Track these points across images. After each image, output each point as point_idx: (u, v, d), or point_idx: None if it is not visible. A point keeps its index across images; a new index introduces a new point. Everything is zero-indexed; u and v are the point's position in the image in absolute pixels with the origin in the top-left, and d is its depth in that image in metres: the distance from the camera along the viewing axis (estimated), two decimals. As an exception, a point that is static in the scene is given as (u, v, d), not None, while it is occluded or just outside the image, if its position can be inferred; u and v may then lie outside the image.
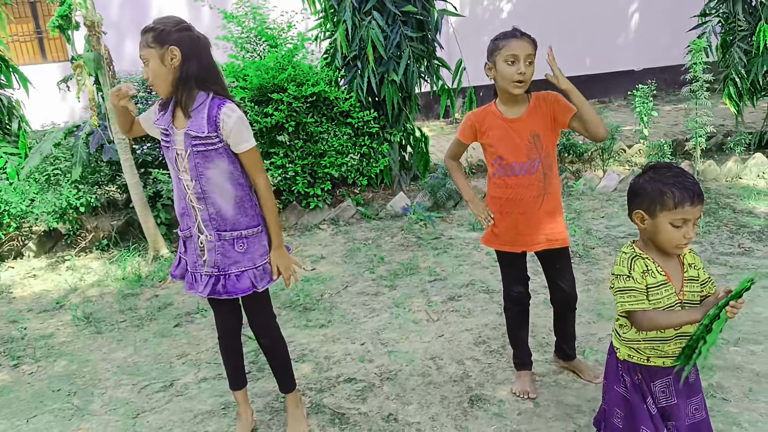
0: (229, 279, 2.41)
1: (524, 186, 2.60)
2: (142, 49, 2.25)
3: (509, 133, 2.60)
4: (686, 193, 1.84)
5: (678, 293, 1.93)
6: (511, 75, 2.47)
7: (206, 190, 2.33)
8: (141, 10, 9.22)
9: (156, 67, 2.25)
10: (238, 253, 2.40)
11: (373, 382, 3.06)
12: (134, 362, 3.46)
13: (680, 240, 1.86)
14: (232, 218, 2.38)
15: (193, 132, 2.27)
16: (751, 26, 5.97)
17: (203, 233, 2.40)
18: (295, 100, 5.14)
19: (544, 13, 9.57)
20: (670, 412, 2.01)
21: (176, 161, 2.36)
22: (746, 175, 5.83)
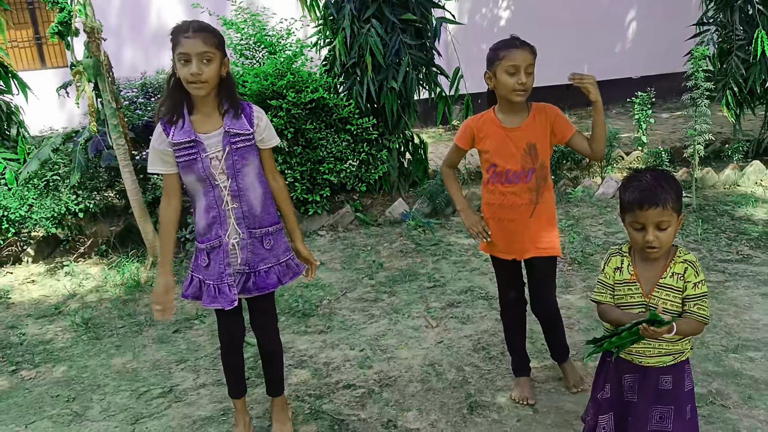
0: (258, 275, 2.50)
1: (516, 194, 2.63)
2: (208, 46, 2.27)
3: (506, 141, 2.62)
4: (635, 198, 1.89)
5: (646, 295, 1.97)
6: (512, 85, 2.50)
7: (242, 187, 2.43)
8: (140, 16, 9.25)
9: (216, 69, 2.32)
10: (266, 249, 2.51)
11: (372, 388, 3.06)
12: (133, 368, 3.45)
13: (641, 242, 1.93)
14: (260, 215, 2.49)
15: (235, 130, 2.38)
16: (748, 35, 6.00)
17: (236, 234, 2.43)
18: (294, 107, 5.16)
19: (543, 21, 9.61)
20: (631, 409, 2.06)
21: (208, 168, 2.37)
22: (744, 183, 5.85)
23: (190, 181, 2.42)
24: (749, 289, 3.81)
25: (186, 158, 2.37)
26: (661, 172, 1.97)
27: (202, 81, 2.29)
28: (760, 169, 5.91)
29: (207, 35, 2.29)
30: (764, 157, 6.31)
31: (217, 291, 2.47)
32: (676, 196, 1.91)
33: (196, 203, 2.46)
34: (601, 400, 2.12)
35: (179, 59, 2.28)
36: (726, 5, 6.07)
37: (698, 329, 1.98)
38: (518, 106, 2.60)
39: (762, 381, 2.89)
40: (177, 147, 2.36)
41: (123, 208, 5.37)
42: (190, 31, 2.28)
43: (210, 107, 2.40)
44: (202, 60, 2.27)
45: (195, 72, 2.26)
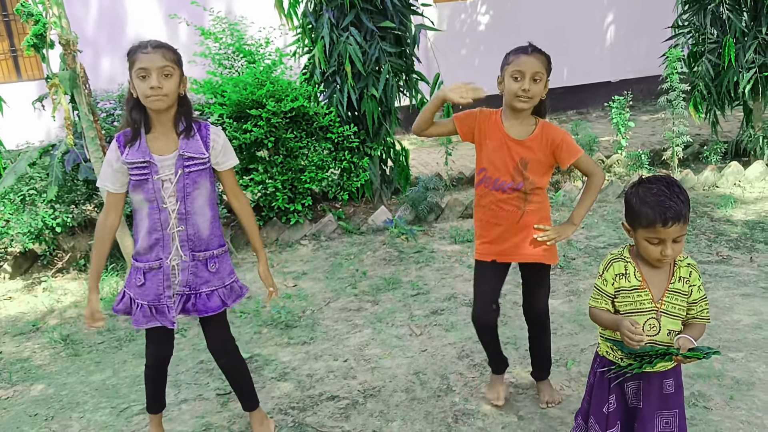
0: (199, 297, 2.47)
1: (503, 201, 2.59)
2: (166, 61, 2.26)
3: (503, 149, 2.56)
4: (659, 215, 1.85)
5: (656, 301, 1.95)
6: (514, 90, 2.45)
7: (189, 211, 2.39)
8: (117, 28, 9.18)
9: (175, 85, 2.30)
10: (210, 272, 2.47)
11: (356, 399, 3.03)
12: (113, 384, 3.40)
13: (657, 256, 1.89)
14: (207, 238, 2.46)
15: (190, 153, 2.35)
16: (720, 38, 6.08)
17: (178, 257, 2.41)
18: (274, 116, 5.13)
19: (521, 26, 9.68)
20: (636, 415, 2.05)
21: (159, 190, 2.34)
22: (723, 184, 5.91)
23: (138, 200, 2.39)
24: (729, 290, 3.84)
25: (137, 177, 2.34)
26: (671, 180, 1.91)
27: (163, 94, 2.27)
28: (738, 170, 5.97)
29: (166, 51, 2.29)
30: (742, 159, 6.39)
31: (154, 311, 2.44)
32: (689, 205, 1.89)
33: (139, 222, 2.42)
34: (608, 414, 2.07)
35: (138, 75, 2.26)
36: (699, 9, 6.15)
37: (704, 332, 2.00)
38: (522, 116, 2.54)
39: (743, 381, 2.90)
40: (130, 165, 2.33)
41: (102, 222, 5.30)
42: (148, 47, 2.27)
43: (167, 127, 2.36)
44: (162, 74, 2.26)
45: (155, 85, 2.24)
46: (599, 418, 2.09)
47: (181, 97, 2.36)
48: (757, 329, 3.36)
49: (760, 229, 4.82)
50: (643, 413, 2.01)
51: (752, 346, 3.20)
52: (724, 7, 5.92)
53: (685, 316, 1.98)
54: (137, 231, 2.44)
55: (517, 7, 9.80)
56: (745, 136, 6.44)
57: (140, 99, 2.29)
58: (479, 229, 2.72)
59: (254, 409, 2.77)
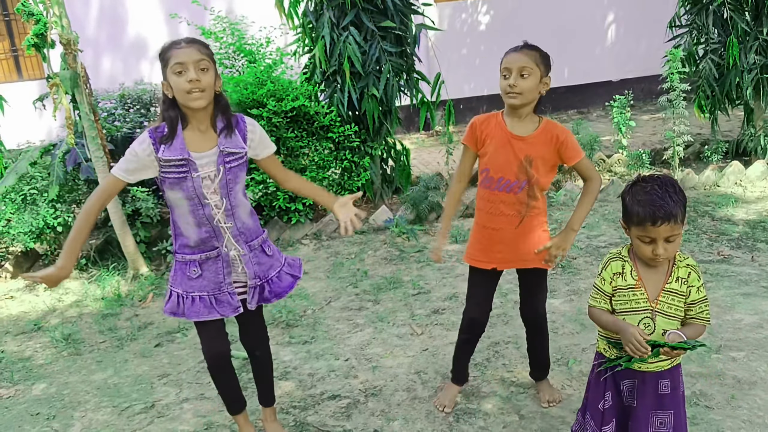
0: (273, 283, 2.51)
1: (505, 203, 2.55)
2: (202, 55, 2.21)
3: (506, 147, 2.52)
4: (649, 214, 1.85)
5: (651, 300, 1.95)
6: (503, 87, 2.46)
7: (234, 205, 2.37)
8: (118, 27, 9.18)
9: (212, 79, 2.25)
10: (269, 256, 2.51)
11: (357, 398, 3.04)
12: (114, 384, 3.40)
13: (649, 255, 1.90)
14: (253, 227, 2.48)
15: (230, 149, 2.31)
16: (722, 39, 6.07)
17: (235, 249, 2.40)
18: (274, 116, 5.13)
19: (522, 26, 9.67)
20: (631, 413, 2.05)
21: (199, 188, 2.27)
22: (724, 183, 5.90)
23: (175, 197, 2.31)
24: (731, 290, 3.84)
25: (175, 176, 2.26)
26: (667, 180, 1.91)
27: (201, 89, 2.19)
28: (740, 170, 5.97)
29: (200, 46, 2.25)
30: (743, 158, 6.39)
31: (215, 301, 2.40)
32: (684, 206, 1.88)
33: (181, 218, 2.34)
34: (603, 410, 2.08)
35: (174, 71, 2.18)
36: (701, 8, 6.14)
37: (702, 331, 1.99)
38: (522, 113, 2.51)
39: (745, 381, 2.90)
40: (165, 164, 2.25)
41: (102, 221, 5.31)
42: (182, 43, 2.22)
43: (205, 125, 2.29)
44: (199, 68, 2.19)
45: (194, 78, 2.17)
46: (595, 414, 2.11)
47: (217, 95, 2.31)
48: (759, 328, 3.36)
49: (762, 229, 4.82)
50: (638, 412, 2.02)
51: (754, 345, 3.20)
52: (726, 7, 5.91)
53: (684, 316, 1.98)
54: (179, 226, 2.37)
55: (517, 7, 9.80)
56: (746, 136, 6.43)
57: (178, 96, 2.21)
58: (477, 234, 2.68)
59: (271, 405, 2.79)
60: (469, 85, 9.63)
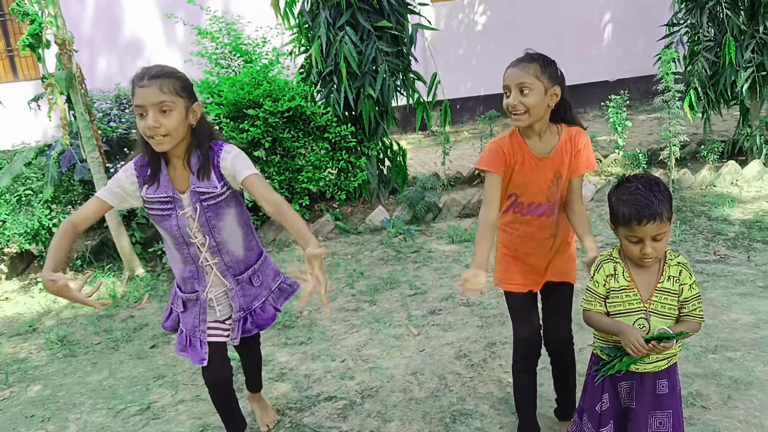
0: (255, 314, 2.43)
1: (538, 227, 2.35)
2: (165, 95, 2.00)
3: (536, 172, 2.28)
4: (634, 213, 1.85)
5: (645, 301, 1.95)
6: (506, 107, 2.22)
7: (220, 242, 2.25)
8: (114, 27, 9.16)
9: (179, 119, 2.04)
10: (256, 287, 2.42)
11: (354, 399, 3.03)
12: (110, 385, 3.39)
13: (637, 254, 1.91)
14: (245, 258, 2.36)
15: (202, 188, 2.15)
16: (717, 37, 6.08)
17: (221, 286, 2.33)
18: (271, 116, 5.12)
19: (518, 26, 9.68)
20: (630, 415, 2.05)
21: (184, 227, 2.18)
22: (720, 183, 5.91)
23: (163, 232, 2.26)
24: (727, 290, 3.84)
25: (160, 213, 2.18)
26: (651, 179, 1.91)
27: (162, 134, 2.02)
28: (736, 170, 5.98)
29: (164, 81, 2.02)
30: (739, 158, 6.39)
31: (188, 342, 2.37)
32: (669, 204, 1.87)
33: (169, 252, 2.31)
34: (601, 412, 2.08)
35: (136, 113, 2.03)
36: (696, 6, 6.15)
37: (697, 328, 1.98)
38: (539, 130, 2.26)
39: (741, 381, 2.90)
40: (150, 201, 2.16)
41: (98, 222, 5.30)
42: (145, 79, 2.01)
43: (180, 160, 2.15)
44: (160, 110, 2.00)
45: (151, 125, 1.99)
46: (592, 416, 2.10)
47: (193, 129, 2.12)
48: (755, 328, 3.36)
49: (758, 228, 4.82)
50: (637, 413, 2.01)
51: (750, 345, 3.20)
52: (722, 6, 5.92)
53: (678, 315, 1.97)
54: (171, 260, 2.33)
55: (514, 7, 9.80)
56: (742, 136, 6.44)
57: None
58: (507, 258, 2.44)
59: (258, 390, 2.89)
60: (466, 85, 9.63)
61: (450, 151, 6.60)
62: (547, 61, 2.21)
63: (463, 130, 9.53)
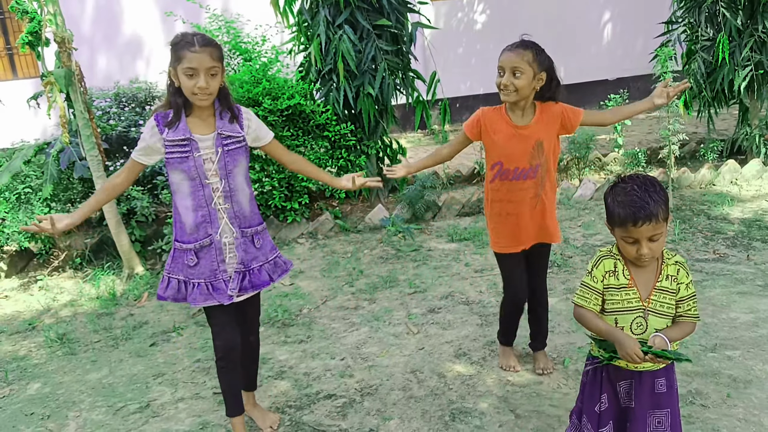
0: (252, 273, 2.56)
1: (523, 189, 2.73)
2: (215, 61, 2.33)
3: (515, 139, 2.71)
4: (630, 214, 1.85)
5: (644, 300, 1.95)
6: (498, 84, 2.64)
7: (233, 188, 2.47)
8: (113, 25, 9.15)
9: (218, 84, 2.38)
10: (256, 248, 2.58)
11: (353, 397, 3.03)
12: (109, 383, 3.39)
13: (633, 255, 1.90)
14: (250, 215, 2.56)
15: (227, 132, 2.45)
16: (715, 36, 6.08)
17: (230, 233, 2.48)
18: (270, 114, 5.12)
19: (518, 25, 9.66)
20: (629, 414, 2.04)
21: (201, 167, 2.41)
22: (719, 182, 5.91)
23: (178, 180, 2.43)
24: (726, 288, 3.84)
25: (178, 155, 2.40)
26: (647, 179, 1.91)
27: (208, 94, 2.35)
28: (735, 169, 5.98)
29: (213, 50, 2.34)
30: (739, 157, 6.40)
31: (211, 288, 2.48)
32: (665, 204, 1.87)
33: (181, 202, 2.46)
34: (600, 413, 2.07)
35: (185, 73, 2.31)
36: (694, 5, 6.15)
37: (692, 330, 1.99)
38: (521, 106, 2.70)
39: (740, 379, 2.91)
40: (170, 143, 2.39)
41: (97, 220, 5.30)
42: (197, 45, 2.31)
43: (207, 113, 2.45)
44: (209, 74, 2.32)
45: (203, 86, 2.32)
46: (591, 417, 2.09)
47: (221, 88, 2.43)
48: (754, 327, 3.36)
49: (757, 227, 4.82)
50: (636, 413, 2.01)
51: (749, 344, 3.21)
52: (720, 4, 5.92)
53: (674, 313, 1.97)
54: (178, 214, 2.48)
55: (514, 6, 9.80)
56: (741, 134, 6.44)
57: (185, 92, 2.36)
58: (498, 225, 2.85)
59: (253, 390, 2.91)
60: (465, 84, 9.62)
61: (449, 150, 6.59)
62: (539, 50, 2.63)
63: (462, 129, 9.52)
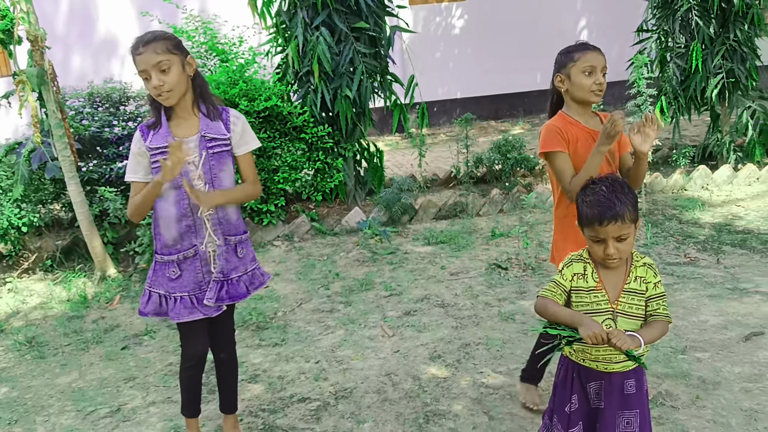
0: (231, 284, 2.46)
1: None
2: (161, 55, 2.22)
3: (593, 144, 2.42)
4: (596, 214, 1.90)
5: (612, 302, 1.97)
6: (589, 85, 2.47)
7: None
8: (88, 24, 9.03)
9: (178, 74, 2.26)
10: (238, 258, 2.48)
11: (327, 401, 3.02)
12: (79, 387, 3.33)
13: (601, 255, 1.94)
14: (235, 222, 2.47)
15: (212, 134, 2.35)
16: (688, 44, 6.19)
17: (212, 242, 2.39)
18: (246, 116, 5.08)
19: (496, 30, 9.75)
20: (598, 415, 2.06)
21: (187, 173, 2.32)
22: (691, 187, 6.01)
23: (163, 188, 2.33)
24: (696, 292, 3.90)
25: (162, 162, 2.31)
26: (616, 181, 1.96)
27: (167, 90, 2.25)
28: (706, 174, 6.08)
29: (157, 44, 2.24)
30: (710, 162, 6.51)
31: (196, 301, 2.40)
32: (633, 206, 1.92)
33: (163, 213, 2.36)
34: (570, 413, 2.09)
35: (141, 77, 2.26)
36: (668, 14, 6.25)
37: (665, 330, 1.99)
38: (590, 111, 2.56)
39: (709, 381, 2.95)
40: (154, 151, 2.31)
41: (69, 222, 5.21)
42: (140, 47, 2.24)
43: (186, 111, 2.35)
44: (160, 70, 2.23)
45: (156, 85, 2.23)
46: (561, 417, 2.11)
47: (192, 79, 2.33)
48: (723, 330, 3.42)
49: (727, 232, 4.91)
50: (605, 413, 2.03)
51: (718, 346, 3.26)
52: (693, 13, 6.03)
53: (644, 315, 2.00)
54: (159, 225, 2.39)
55: (492, 12, 9.87)
56: (712, 141, 6.56)
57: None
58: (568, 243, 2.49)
59: (233, 412, 2.74)
60: (443, 87, 9.67)
61: (426, 154, 6.62)
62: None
63: (440, 133, 9.56)
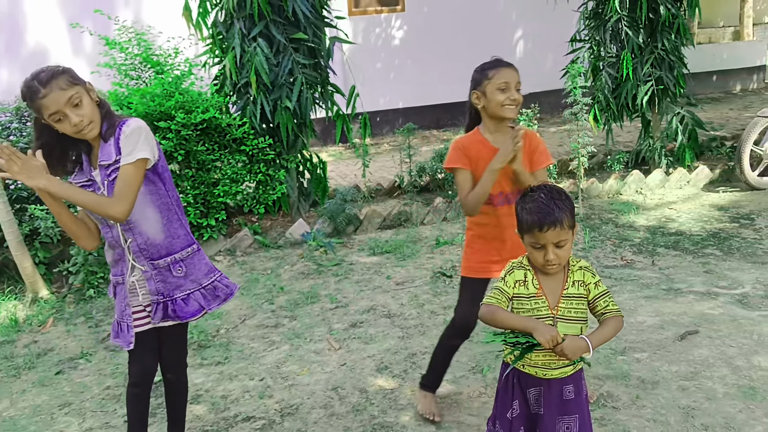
0: (176, 303, 2.33)
1: (506, 215, 2.57)
2: (69, 89, 2.06)
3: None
4: (536, 221, 1.93)
5: (552, 308, 2.00)
6: (503, 101, 2.55)
7: (131, 220, 2.22)
8: (16, 35, 8.68)
9: (90, 103, 2.14)
10: (178, 277, 2.33)
11: (273, 418, 2.96)
12: (10, 416, 3.16)
13: (541, 261, 1.97)
14: (164, 243, 2.29)
15: (105, 161, 2.18)
16: (619, 53, 6.42)
17: (136, 271, 2.28)
18: (183, 128, 4.97)
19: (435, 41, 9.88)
20: (539, 421, 2.08)
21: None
22: (626, 192, 6.21)
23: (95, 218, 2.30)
24: (633, 293, 4.02)
25: None
26: (554, 189, 2.00)
27: (87, 123, 2.11)
28: (640, 178, 6.30)
29: (58, 80, 2.07)
30: (643, 167, 6.74)
31: (118, 327, 2.36)
32: (570, 212, 1.96)
33: (106, 236, 2.33)
34: (512, 419, 2.11)
35: (53, 120, 2.09)
36: (599, 24, 6.47)
37: (620, 325, 2.01)
38: (506, 127, 2.60)
39: (648, 381, 3.04)
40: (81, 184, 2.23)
41: (-3, 242, 4.96)
42: (41, 89, 2.05)
43: (97, 139, 2.21)
44: (73, 105, 2.08)
45: (76, 122, 2.08)
46: (503, 423, 2.13)
47: (99, 105, 2.19)
48: (660, 329, 3.53)
49: (661, 234, 5.09)
50: (545, 419, 2.06)
51: (656, 346, 3.36)
52: (623, 23, 6.26)
53: (584, 318, 2.03)
54: (106, 246, 2.35)
55: (431, 22, 9.99)
56: (644, 146, 6.80)
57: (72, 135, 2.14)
58: (483, 248, 2.67)
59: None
60: (385, 98, 9.71)
61: (370, 163, 6.62)
62: None
63: (383, 143, 9.60)
